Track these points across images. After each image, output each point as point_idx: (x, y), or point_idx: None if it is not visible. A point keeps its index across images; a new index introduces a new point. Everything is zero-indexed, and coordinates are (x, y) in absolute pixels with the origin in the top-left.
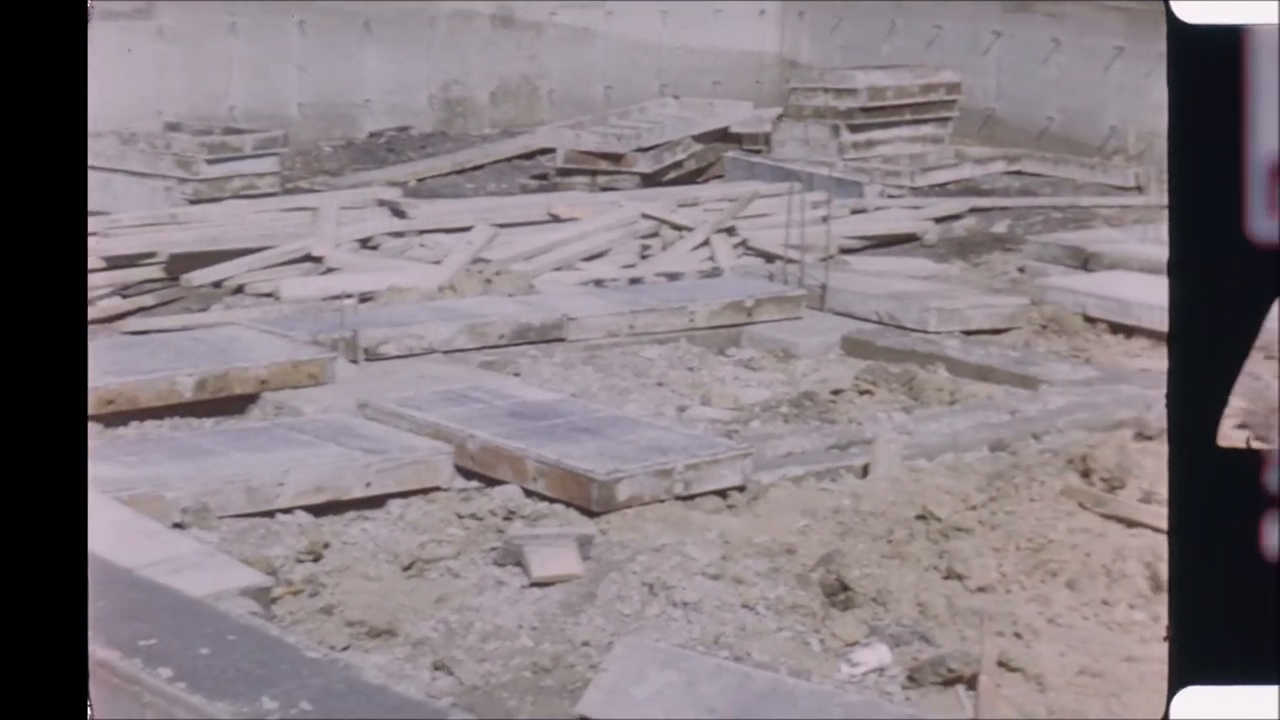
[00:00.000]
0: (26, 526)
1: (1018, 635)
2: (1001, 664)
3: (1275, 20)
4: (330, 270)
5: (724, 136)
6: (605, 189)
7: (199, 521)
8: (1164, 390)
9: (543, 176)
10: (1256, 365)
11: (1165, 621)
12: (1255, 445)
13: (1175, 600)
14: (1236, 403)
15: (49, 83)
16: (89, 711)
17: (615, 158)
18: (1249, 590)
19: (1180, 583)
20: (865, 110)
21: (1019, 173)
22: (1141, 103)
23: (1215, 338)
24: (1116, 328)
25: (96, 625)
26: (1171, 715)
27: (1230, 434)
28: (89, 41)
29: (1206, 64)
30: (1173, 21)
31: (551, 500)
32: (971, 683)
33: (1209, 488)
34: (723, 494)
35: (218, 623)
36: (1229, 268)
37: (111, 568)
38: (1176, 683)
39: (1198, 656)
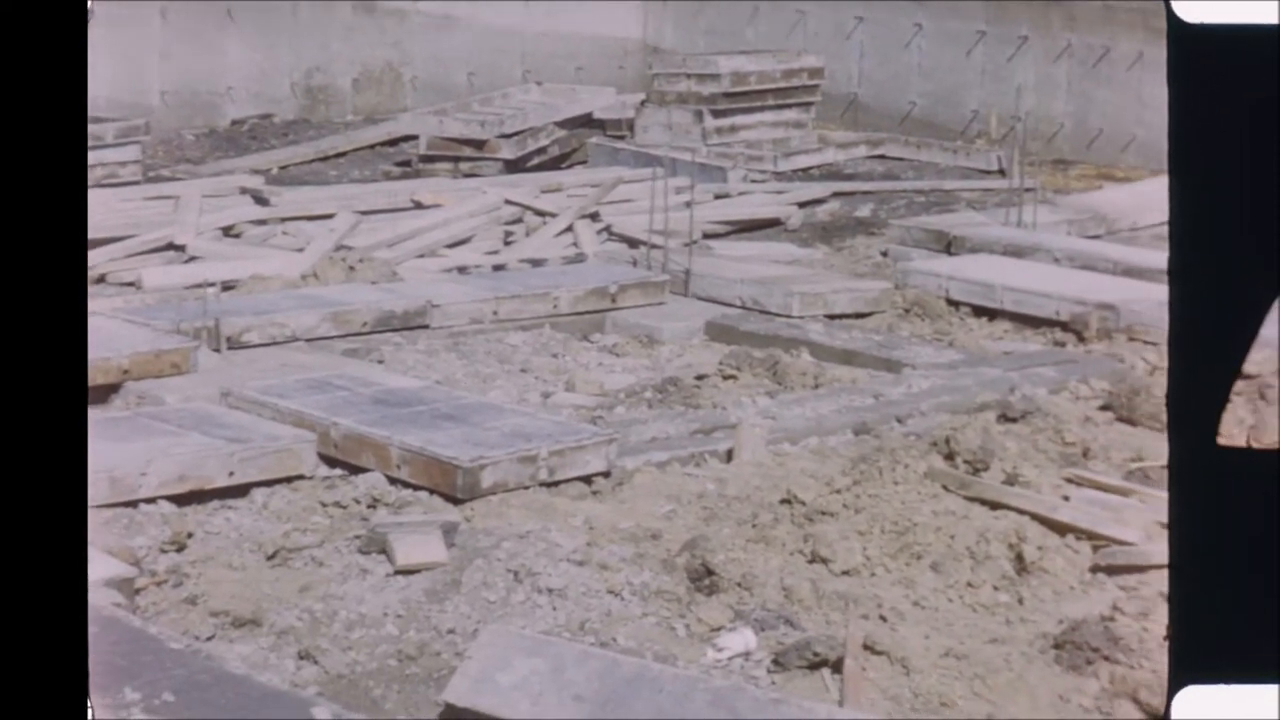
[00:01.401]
0: (26, 527)
1: (883, 618)
2: (866, 647)
3: (1275, 20)
4: (193, 259)
5: (587, 122)
6: (468, 175)
7: None
8: (1026, 371)
9: (406, 163)
10: (1256, 365)
11: (1040, 604)
12: (1255, 445)
13: (1175, 600)
14: (1236, 402)
15: (48, 82)
16: (89, 712)
17: (479, 144)
18: (1249, 590)
19: (1180, 583)
20: (728, 95)
21: (882, 157)
22: (1004, 86)
23: (1215, 338)
24: (979, 311)
25: None
26: (1171, 715)
27: (1230, 433)
28: (89, 41)
29: (1206, 64)
30: (1173, 21)
31: (416, 488)
32: (837, 666)
33: (1209, 487)
34: (587, 480)
35: None
36: (1229, 268)
37: None
38: (1176, 682)
39: (1198, 656)
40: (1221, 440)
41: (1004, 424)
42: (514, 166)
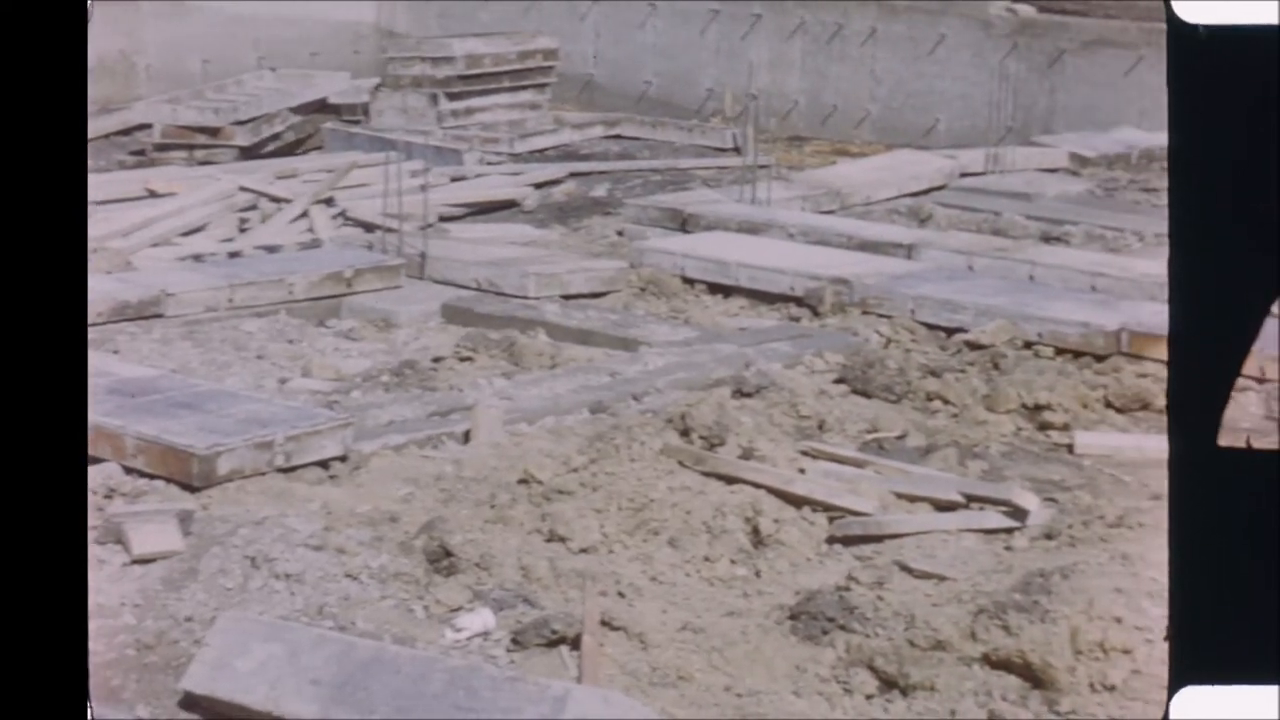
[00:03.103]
0: (26, 527)
1: (621, 594)
2: (604, 623)
3: (1275, 20)
4: None
5: (322, 108)
6: (203, 163)
7: None
8: (761, 347)
9: (140, 152)
10: (1256, 365)
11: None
12: (1255, 445)
13: (1175, 600)
14: (1236, 402)
15: (48, 81)
16: (89, 712)
17: (213, 131)
18: (1249, 590)
19: (1180, 583)
20: (463, 78)
21: (618, 137)
22: (738, 64)
23: (1215, 337)
24: (715, 288)
25: None
26: (1171, 715)
27: (1230, 433)
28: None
29: (1206, 64)
30: (1173, 21)
31: (152, 477)
32: (575, 643)
33: (1209, 487)
34: (324, 465)
35: None
36: (1229, 268)
37: None
38: (1176, 682)
39: (1198, 656)
40: (1221, 440)
41: (739, 399)
42: (249, 153)
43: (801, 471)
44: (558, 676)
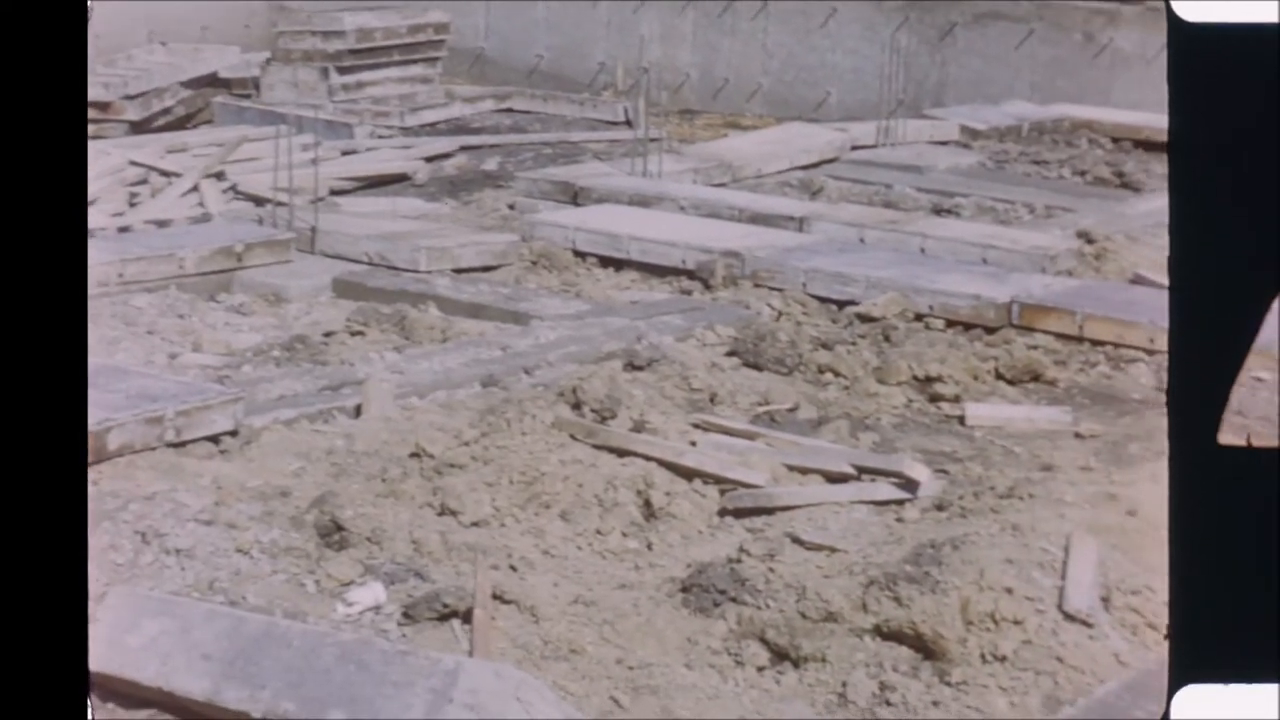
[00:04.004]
0: (25, 528)
1: (513, 568)
2: (496, 597)
3: (1275, 20)
4: None
5: (213, 82)
6: (93, 138)
7: None
8: (653, 320)
9: None
10: (1256, 365)
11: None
12: (1255, 444)
13: (1175, 600)
14: (1236, 402)
15: (47, 81)
16: (89, 712)
17: (103, 106)
18: (1249, 590)
19: (1180, 582)
20: (354, 52)
21: (509, 110)
22: (629, 38)
23: (1215, 337)
24: (606, 261)
25: None
26: (1171, 714)
27: (1230, 433)
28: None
29: (1206, 63)
30: (1173, 21)
31: None
32: (466, 617)
33: (1209, 487)
34: (215, 440)
35: None
36: (1229, 267)
37: None
38: (1176, 681)
39: (1198, 655)
40: (1221, 440)
41: (631, 372)
42: (139, 127)
43: (693, 444)
44: (449, 650)
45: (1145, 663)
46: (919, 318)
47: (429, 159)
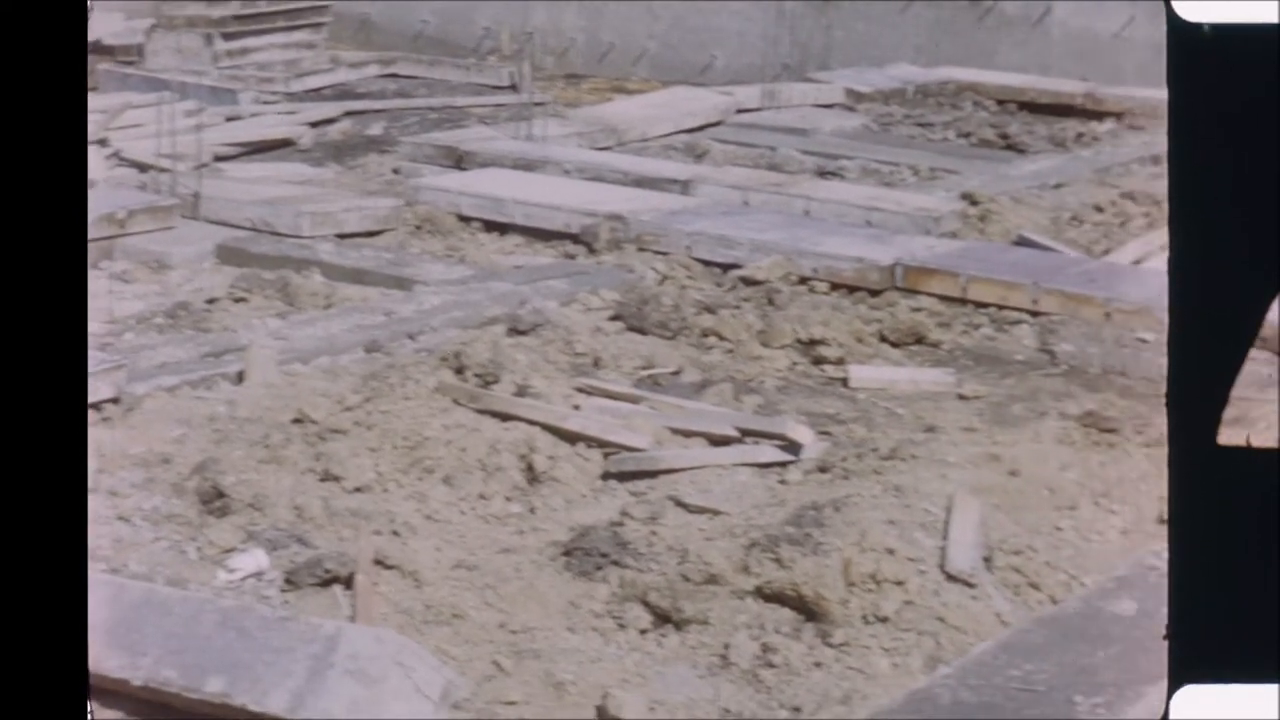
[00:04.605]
0: (25, 529)
1: (395, 533)
2: (378, 562)
3: (1275, 20)
4: None
5: (96, 49)
6: None
7: None
8: (537, 284)
9: None
10: (1257, 364)
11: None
12: (1255, 444)
13: (1175, 600)
14: (1236, 401)
15: (47, 81)
16: (89, 712)
17: None
18: (1249, 590)
19: (1180, 582)
20: (238, 18)
21: (394, 75)
22: (515, 3)
23: (1215, 337)
24: (491, 226)
25: None
26: (1171, 714)
27: (1230, 433)
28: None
29: (1207, 64)
30: (1173, 20)
31: None
32: (348, 582)
33: (1209, 487)
34: (97, 407)
35: None
36: (1228, 267)
37: None
38: (1176, 681)
39: (1197, 655)
40: (1221, 440)
41: (514, 337)
42: None
43: (576, 408)
44: (331, 616)
45: (1023, 621)
46: (803, 280)
47: (314, 124)
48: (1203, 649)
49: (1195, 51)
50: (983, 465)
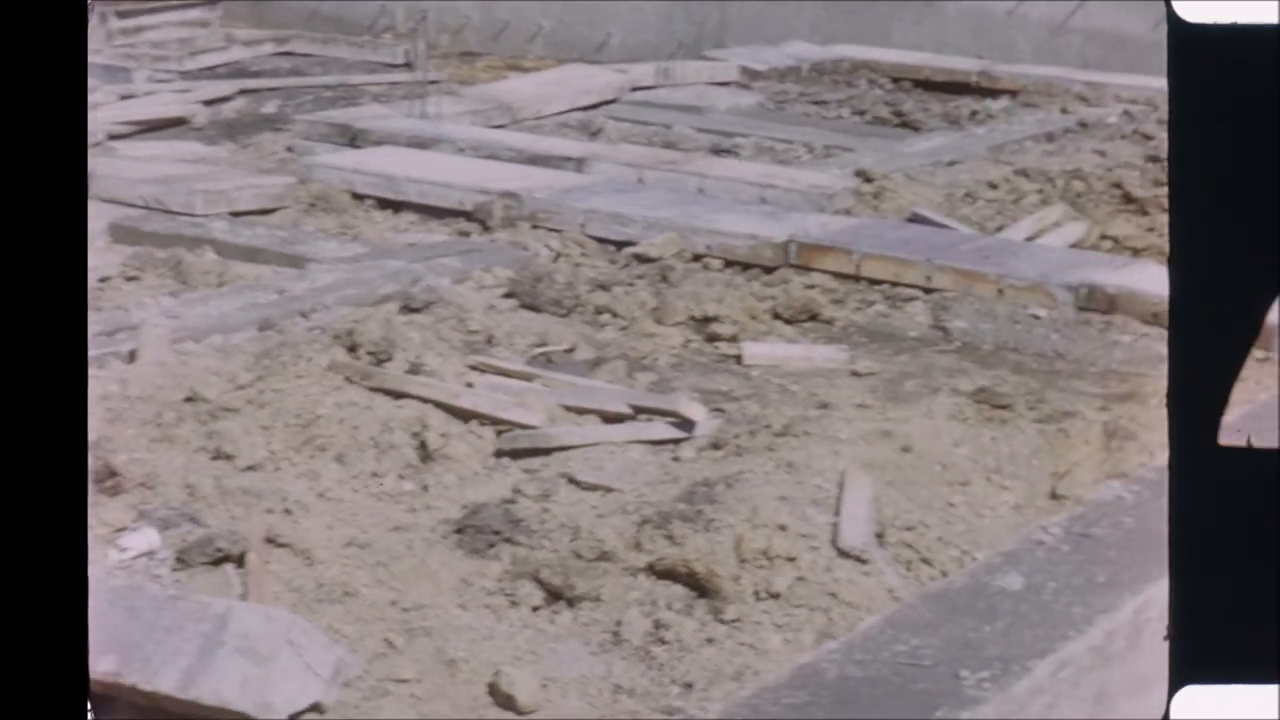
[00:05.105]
0: (25, 528)
1: (287, 511)
2: (270, 540)
3: (1275, 20)
4: None
5: None
6: None
7: None
8: (430, 262)
9: None
10: (1257, 364)
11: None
12: (1255, 444)
13: (1175, 600)
14: (1237, 401)
15: (47, 81)
16: (89, 712)
17: None
18: (1249, 590)
19: (1180, 582)
20: None
21: (289, 53)
22: None
23: (1215, 338)
24: (384, 203)
25: None
26: (1171, 714)
27: (1230, 433)
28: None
29: (1207, 64)
30: (1174, 20)
31: None
32: (240, 561)
33: (1209, 487)
34: None
35: None
36: (1229, 268)
37: None
38: (1176, 682)
39: (1198, 656)
40: (1221, 440)
41: (407, 315)
42: None
43: (469, 386)
44: (223, 595)
45: (910, 597)
46: (697, 258)
47: (207, 102)
48: (1203, 649)
49: (1195, 51)
50: (875, 441)
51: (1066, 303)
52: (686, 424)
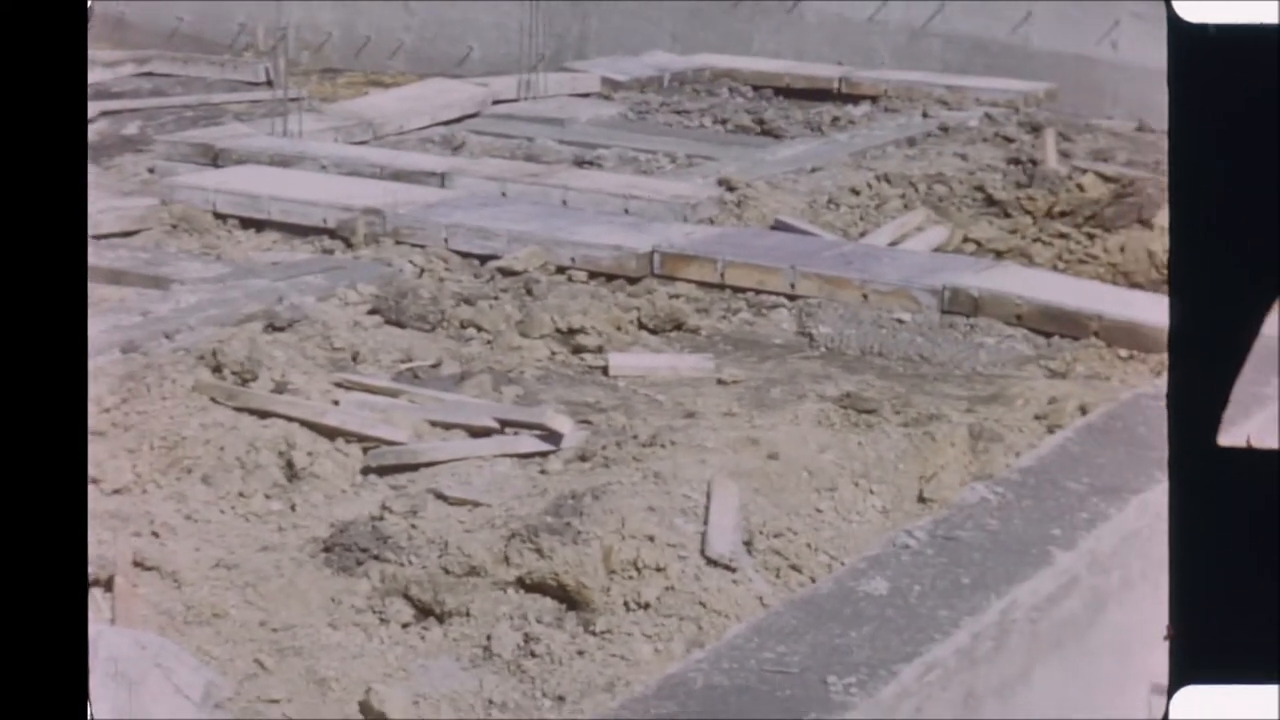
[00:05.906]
0: (25, 526)
1: (154, 534)
2: (137, 563)
3: (1275, 20)
4: None
5: None
6: None
7: None
8: (294, 280)
9: None
10: (1256, 365)
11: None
12: (1255, 444)
13: (1175, 600)
14: (1237, 401)
15: (48, 81)
16: (89, 713)
17: None
18: (1249, 590)
19: (1180, 582)
20: None
21: (150, 74)
22: (268, 1)
23: (1215, 338)
24: (247, 223)
25: None
26: (1171, 714)
27: (1230, 433)
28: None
29: (1207, 64)
30: (1174, 21)
31: None
32: (109, 585)
33: (1209, 487)
34: None
35: None
36: (1229, 268)
37: None
38: (1176, 682)
39: (1198, 656)
40: (1221, 440)
41: (272, 334)
42: None
43: (335, 403)
44: (92, 619)
45: (776, 604)
46: (561, 270)
47: None
48: (1203, 649)
49: (1195, 51)
50: (742, 449)
51: (930, 306)
52: (553, 436)
